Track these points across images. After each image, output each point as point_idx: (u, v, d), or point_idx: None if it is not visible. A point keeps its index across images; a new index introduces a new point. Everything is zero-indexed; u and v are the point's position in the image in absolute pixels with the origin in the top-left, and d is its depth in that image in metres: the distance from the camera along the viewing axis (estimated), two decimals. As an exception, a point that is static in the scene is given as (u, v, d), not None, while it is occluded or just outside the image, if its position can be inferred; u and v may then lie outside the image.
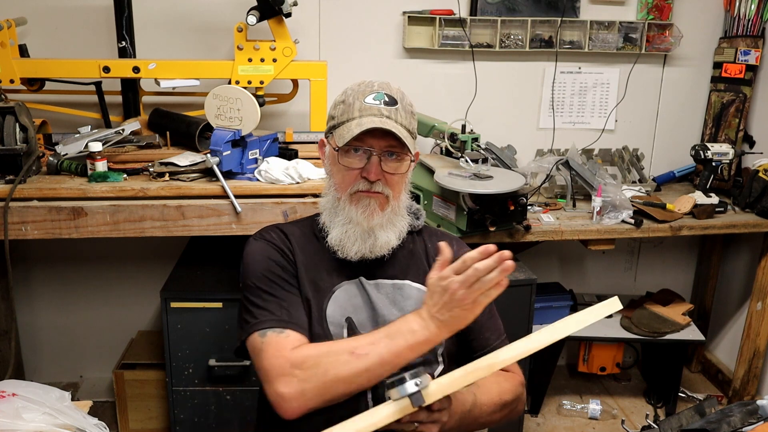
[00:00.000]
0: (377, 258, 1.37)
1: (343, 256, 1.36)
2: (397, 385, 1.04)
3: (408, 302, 1.38)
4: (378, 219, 1.34)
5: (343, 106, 1.34)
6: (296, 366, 1.20)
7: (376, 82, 1.36)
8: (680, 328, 2.70)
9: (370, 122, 1.29)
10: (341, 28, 2.65)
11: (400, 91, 1.37)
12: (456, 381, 1.09)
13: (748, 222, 2.55)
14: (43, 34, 2.46)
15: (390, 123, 1.30)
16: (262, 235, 1.42)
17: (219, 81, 2.23)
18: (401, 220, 1.40)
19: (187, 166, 1.99)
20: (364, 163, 1.32)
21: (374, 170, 1.31)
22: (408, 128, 1.34)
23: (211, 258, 2.36)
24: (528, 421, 2.73)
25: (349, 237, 1.35)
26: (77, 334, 2.83)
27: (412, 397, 1.03)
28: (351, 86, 1.37)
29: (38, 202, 1.87)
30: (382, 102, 1.32)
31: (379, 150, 1.31)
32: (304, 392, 1.19)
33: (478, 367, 1.09)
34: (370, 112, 1.31)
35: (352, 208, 1.34)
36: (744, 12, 2.76)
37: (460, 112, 2.72)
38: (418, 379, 1.03)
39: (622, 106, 2.92)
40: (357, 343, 1.21)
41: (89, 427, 1.59)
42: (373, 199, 1.33)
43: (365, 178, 1.32)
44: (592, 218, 2.44)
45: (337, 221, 1.36)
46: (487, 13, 2.69)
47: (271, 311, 1.29)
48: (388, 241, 1.36)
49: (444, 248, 1.18)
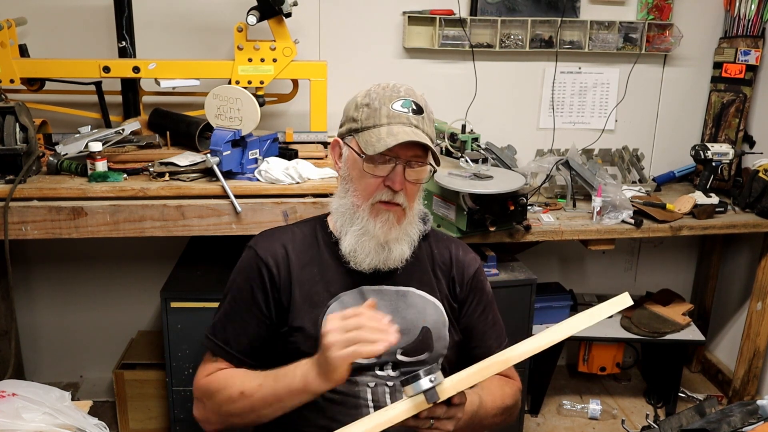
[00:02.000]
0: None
1: (355, 266, 1.34)
2: (411, 382, 1.05)
3: (411, 310, 1.36)
4: (395, 233, 1.31)
5: (368, 110, 1.30)
6: (203, 394, 1.34)
7: (401, 86, 1.33)
8: (680, 328, 2.70)
9: (402, 132, 1.26)
10: (341, 28, 2.65)
11: (423, 98, 1.34)
12: (471, 376, 1.08)
13: (748, 222, 2.55)
14: (43, 34, 2.46)
15: (419, 134, 1.27)
16: (258, 246, 1.38)
17: (219, 81, 2.23)
18: (414, 228, 1.37)
19: (187, 166, 1.99)
20: (388, 171, 1.29)
21: (399, 180, 1.28)
22: (432, 137, 1.32)
23: (211, 258, 2.35)
24: (528, 421, 2.73)
25: (363, 248, 1.32)
26: (77, 334, 2.83)
27: (426, 394, 1.04)
28: (374, 89, 1.33)
29: (38, 202, 1.87)
30: (410, 110, 1.29)
31: (405, 159, 1.28)
32: (209, 419, 1.33)
33: (493, 362, 1.08)
34: (398, 120, 1.28)
35: (371, 220, 1.31)
36: (744, 12, 2.76)
37: (460, 112, 2.72)
38: (432, 376, 1.04)
39: (622, 106, 2.92)
40: (248, 384, 1.26)
41: (89, 427, 1.59)
42: (392, 213, 1.30)
43: (389, 186, 1.29)
44: (592, 218, 2.44)
45: (353, 230, 1.33)
46: (487, 13, 2.69)
47: (222, 328, 1.37)
48: (402, 253, 1.33)
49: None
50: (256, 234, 1.45)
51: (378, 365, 1.32)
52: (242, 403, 1.25)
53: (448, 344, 1.37)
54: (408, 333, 1.33)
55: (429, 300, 1.38)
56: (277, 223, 1.93)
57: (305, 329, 1.31)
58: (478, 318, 1.44)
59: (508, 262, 2.39)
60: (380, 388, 1.31)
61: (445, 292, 1.41)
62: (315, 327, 1.30)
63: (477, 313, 1.44)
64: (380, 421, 1.06)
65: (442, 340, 1.37)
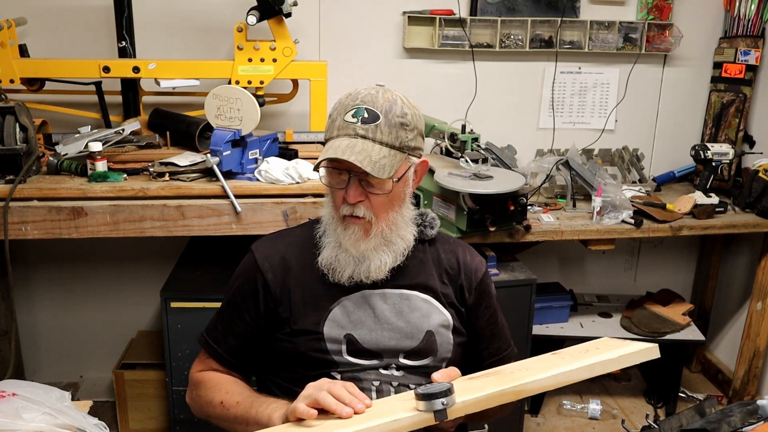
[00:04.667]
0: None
1: (333, 280, 1.31)
2: (425, 399, 1.06)
3: (414, 314, 1.35)
4: (365, 245, 1.28)
5: (329, 121, 1.29)
6: (193, 385, 1.42)
7: (364, 91, 1.27)
8: (680, 328, 2.70)
9: (341, 147, 1.22)
10: (341, 28, 2.65)
11: (389, 101, 1.26)
12: (481, 402, 1.08)
13: (748, 222, 2.55)
14: (43, 34, 2.46)
15: (359, 145, 1.22)
16: (257, 251, 1.38)
17: (219, 81, 2.23)
18: (400, 238, 1.33)
19: (187, 166, 1.99)
20: (344, 184, 1.26)
21: (352, 193, 1.25)
22: (392, 144, 1.25)
23: (211, 258, 2.35)
24: (528, 421, 2.72)
25: (340, 262, 1.30)
26: (77, 334, 2.83)
27: (436, 413, 1.06)
28: (342, 98, 1.29)
29: (38, 202, 1.87)
30: (359, 120, 1.24)
31: (358, 171, 1.22)
32: (194, 408, 1.42)
33: (504, 392, 1.08)
34: (345, 132, 1.24)
35: (342, 232, 1.29)
36: (744, 12, 2.76)
37: (460, 112, 2.72)
38: (446, 399, 1.06)
39: (622, 106, 2.92)
40: (229, 398, 1.32)
41: (89, 427, 1.59)
42: (357, 226, 1.28)
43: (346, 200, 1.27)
44: (592, 218, 2.44)
45: (328, 241, 1.32)
46: (487, 13, 2.69)
47: (214, 327, 1.42)
48: (382, 264, 1.31)
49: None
50: (256, 234, 1.46)
51: (382, 367, 1.33)
52: (219, 411, 1.33)
53: (452, 348, 1.37)
54: (411, 337, 1.33)
55: (433, 304, 1.37)
56: (277, 222, 1.93)
57: (306, 332, 1.31)
58: (486, 321, 1.45)
59: (508, 262, 2.39)
60: (385, 386, 1.32)
61: (452, 296, 1.40)
62: (316, 330, 1.31)
63: (485, 317, 1.44)
64: (384, 424, 1.06)
65: (445, 344, 1.36)
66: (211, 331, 1.42)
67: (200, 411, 1.40)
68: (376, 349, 1.31)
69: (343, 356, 1.31)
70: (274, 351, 1.37)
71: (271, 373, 1.39)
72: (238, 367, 1.41)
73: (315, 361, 1.30)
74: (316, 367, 1.30)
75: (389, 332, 1.32)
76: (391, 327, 1.33)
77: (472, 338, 1.43)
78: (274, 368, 1.39)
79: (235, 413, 1.29)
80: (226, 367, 1.40)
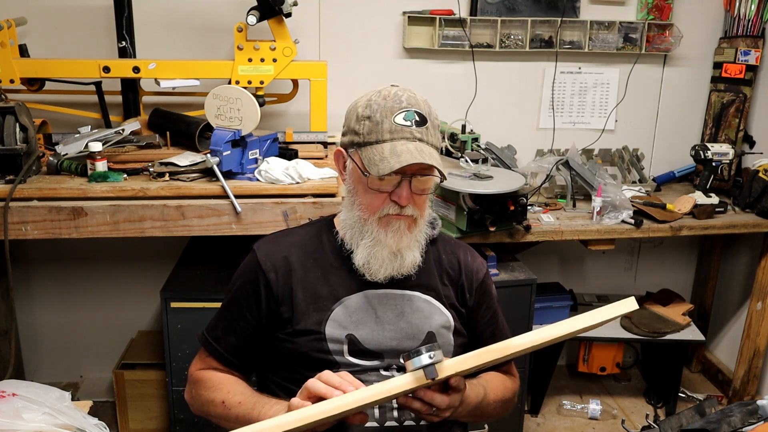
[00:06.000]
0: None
1: (370, 278, 1.32)
2: (412, 357, 1.08)
3: (416, 315, 1.35)
4: (406, 241, 1.29)
5: (370, 123, 1.25)
6: (193, 383, 1.42)
7: (402, 94, 1.27)
8: (680, 328, 2.70)
9: (406, 152, 1.22)
10: (341, 28, 2.65)
11: (427, 104, 1.29)
12: (470, 359, 1.11)
13: (748, 222, 2.55)
14: (43, 34, 2.46)
15: (423, 149, 1.24)
16: (259, 251, 1.38)
17: (219, 81, 2.23)
18: (423, 234, 1.36)
19: (187, 166, 1.99)
20: (394, 186, 1.26)
21: (405, 195, 1.25)
22: (437, 145, 1.29)
23: (211, 258, 2.35)
24: (528, 421, 2.73)
25: (377, 259, 1.29)
26: (77, 334, 2.83)
27: (425, 369, 1.07)
28: (375, 98, 1.27)
29: (38, 202, 1.87)
30: (413, 122, 1.24)
31: (411, 173, 1.25)
32: (193, 406, 1.42)
33: (492, 349, 1.11)
34: (401, 135, 1.23)
35: (381, 231, 1.28)
36: (744, 12, 2.76)
37: (460, 112, 2.72)
38: (433, 353, 1.07)
39: (622, 106, 2.92)
40: (231, 398, 1.32)
41: (89, 427, 1.59)
42: (403, 221, 1.28)
43: (395, 201, 1.26)
44: (592, 218, 2.44)
45: (363, 243, 1.31)
46: (487, 13, 2.69)
47: (215, 326, 1.42)
48: (414, 260, 1.32)
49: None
50: (256, 234, 1.45)
51: (383, 368, 1.33)
52: (220, 411, 1.32)
53: (453, 349, 1.37)
54: (413, 338, 1.33)
55: (434, 305, 1.37)
56: (277, 222, 1.93)
57: (308, 332, 1.31)
58: (487, 323, 1.45)
59: (508, 262, 2.39)
60: None
61: (452, 297, 1.40)
62: (318, 330, 1.31)
63: (486, 318, 1.45)
64: (381, 390, 1.08)
65: (446, 345, 1.37)
66: (212, 330, 1.42)
67: (200, 409, 1.40)
68: (377, 350, 1.31)
69: (345, 356, 1.31)
70: (275, 351, 1.36)
71: (272, 372, 1.39)
72: (238, 366, 1.40)
73: (316, 361, 1.30)
74: (317, 368, 1.29)
75: (391, 333, 1.32)
76: (392, 327, 1.33)
77: (472, 339, 1.43)
78: (274, 368, 1.38)
79: (236, 413, 1.29)
80: (226, 366, 1.40)
